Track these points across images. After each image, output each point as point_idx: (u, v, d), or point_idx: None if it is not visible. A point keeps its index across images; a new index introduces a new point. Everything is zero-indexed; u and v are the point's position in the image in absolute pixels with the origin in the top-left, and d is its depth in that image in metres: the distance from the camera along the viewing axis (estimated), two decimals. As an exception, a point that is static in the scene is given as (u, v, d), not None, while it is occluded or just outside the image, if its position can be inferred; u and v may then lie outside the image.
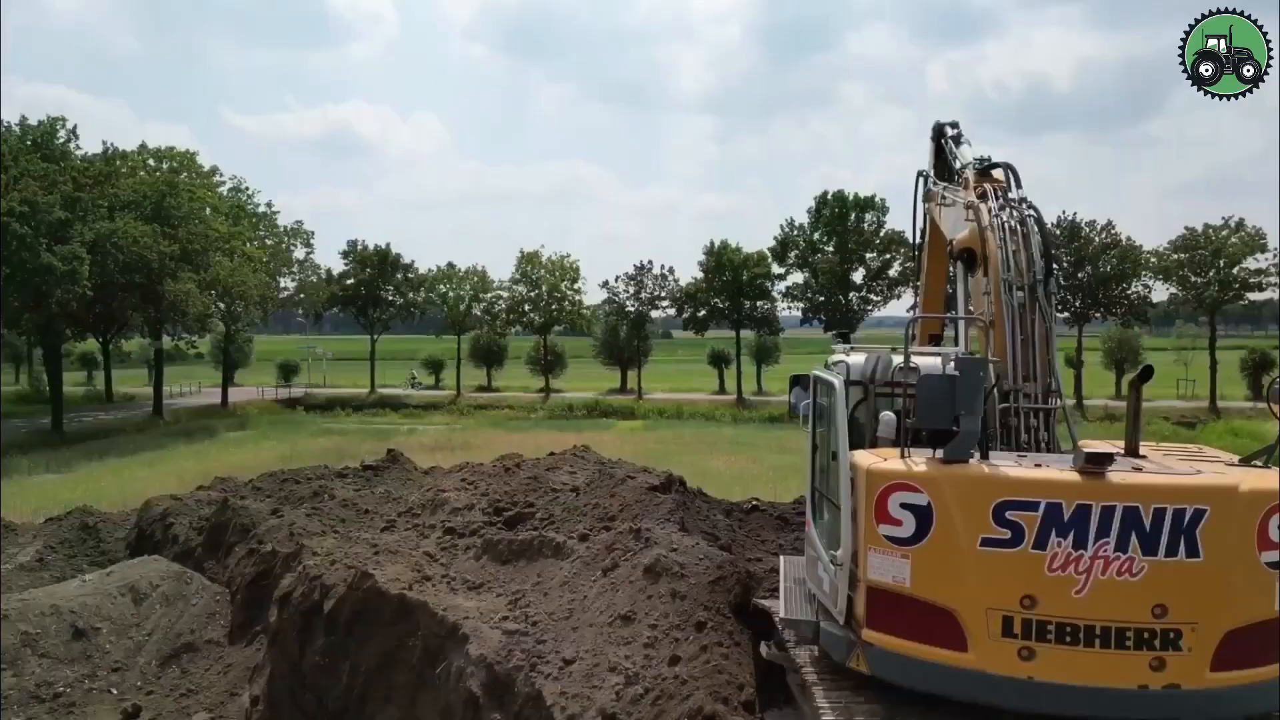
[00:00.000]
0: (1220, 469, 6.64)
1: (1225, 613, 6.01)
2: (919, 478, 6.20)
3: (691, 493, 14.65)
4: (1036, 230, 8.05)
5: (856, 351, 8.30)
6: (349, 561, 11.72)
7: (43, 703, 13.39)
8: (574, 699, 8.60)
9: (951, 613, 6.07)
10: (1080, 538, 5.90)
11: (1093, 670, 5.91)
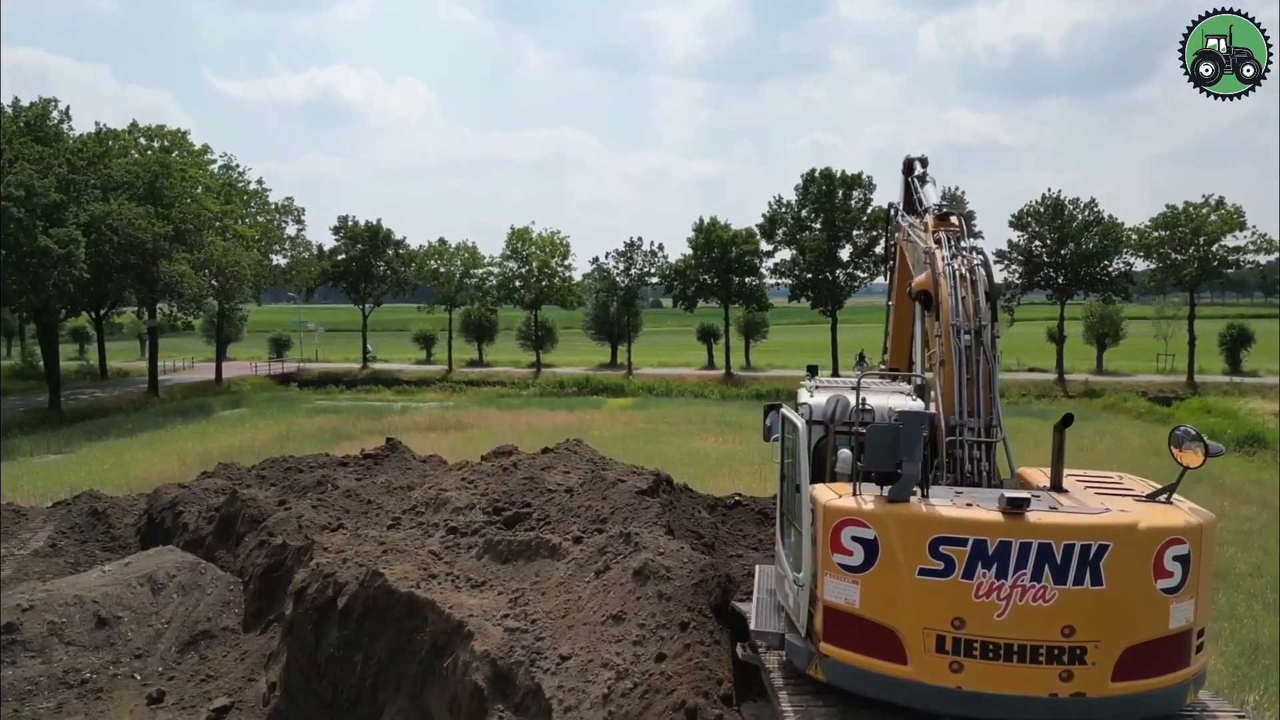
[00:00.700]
0: (1126, 505, 7.52)
1: (1124, 632, 6.93)
2: (867, 515, 7.07)
3: (678, 490, 15.54)
4: (984, 279, 8.90)
5: (821, 390, 9.14)
6: (360, 560, 12.62)
7: (71, 688, 14.30)
8: (570, 692, 9.55)
9: (894, 631, 6.98)
10: (1002, 569, 6.79)
11: (1011, 681, 6.83)
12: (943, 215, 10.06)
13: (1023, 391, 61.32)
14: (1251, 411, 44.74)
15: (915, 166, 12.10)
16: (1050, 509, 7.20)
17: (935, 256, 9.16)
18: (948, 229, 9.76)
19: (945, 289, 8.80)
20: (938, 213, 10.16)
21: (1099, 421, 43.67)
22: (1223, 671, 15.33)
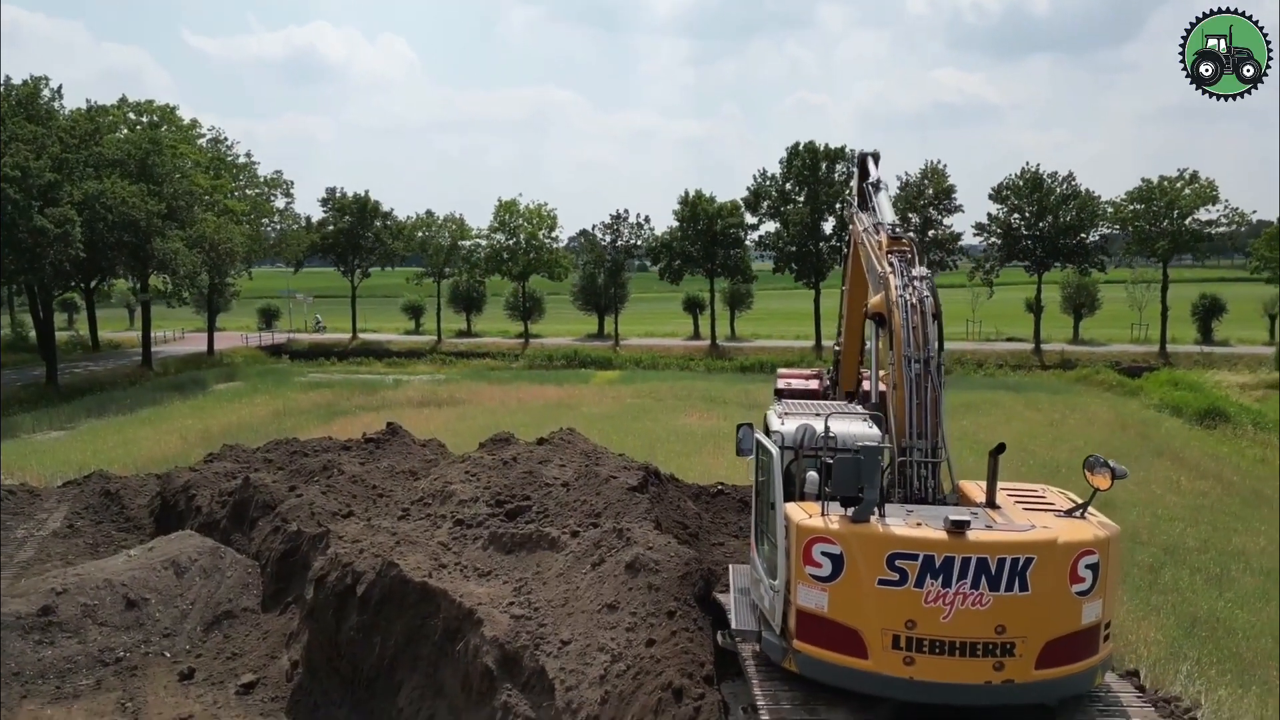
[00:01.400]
0: (1048, 521, 8.72)
1: (1045, 629, 8.19)
2: (834, 533, 8.26)
3: (665, 481, 16.78)
4: (933, 309, 10.05)
5: (790, 417, 10.27)
6: (375, 550, 13.84)
7: (107, 666, 15.53)
8: (571, 673, 10.84)
9: (857, 631, 8.20)
10: (946, 579, 8.01)
11: (954, 672, 8.09)
12: (895, 236, 11.18)
13: (1000, 362, 62.83)
14: (1217, 384, 46.39)
15: (868, 164, 13.36)
16: (986, 527, 8.39)
17: (889, 285, 10.28)
18: (899, 251, 10.87)
19: (898, 320, 9.94)
20: (891, 233, 11.27)
21: (1070, 395, 45.17)
22: (1160, 643, 16.78)
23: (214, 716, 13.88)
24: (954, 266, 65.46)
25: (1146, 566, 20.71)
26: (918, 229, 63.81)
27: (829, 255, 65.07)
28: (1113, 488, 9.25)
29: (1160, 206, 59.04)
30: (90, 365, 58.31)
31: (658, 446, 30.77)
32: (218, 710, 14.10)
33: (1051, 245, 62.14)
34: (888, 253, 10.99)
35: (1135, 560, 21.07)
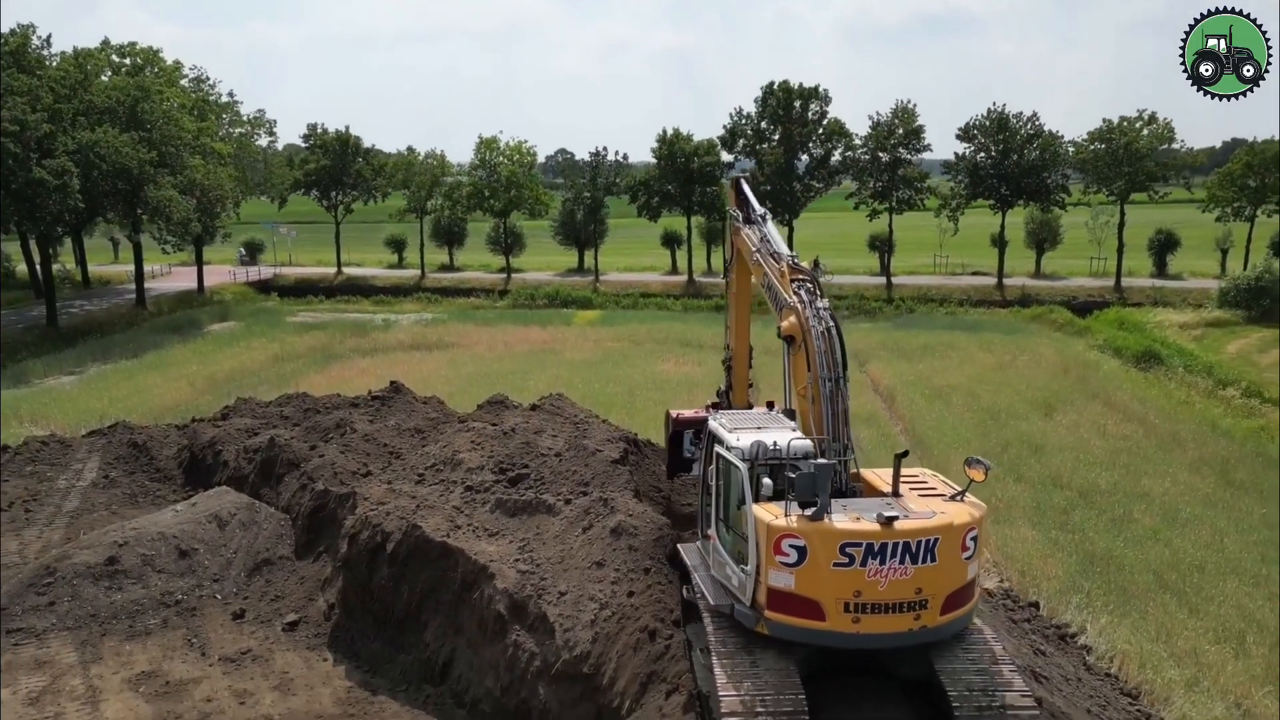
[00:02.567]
0: (944, 508, 11.25)
1: (946, 586, 10.84)
2: (798, 530, 10.77)
3: (642, 449, 19.46)
4: (837, 335, 12.52)
5: (739, 432, 12.55)
6: (400, 513, 16.48)
7: (169, 608, 18.21)
8: (567, 618, 13.62)
9: (818, 602, 10.77)
10: (882, 559, 10.58)
11: (887, 624, 10.72)
12: (796, 266, 13.61)
13: (963, 297, 65.70)
14: (1158, 324, 49.38)
15: (743, 187, 15.87)
16: (904, 517, 10.92)
17: (801, 315, 12.70)
18: (799, 278, 13.29)
19: (814, 347, 12.43)
20: (791, 264, 13.69)
21: (1023, 335, 48.07)
22: (1060, 578, 19.86)
23: (268, 650, 16.65)
24: (922, 204, 67.68)
25: (1060, 509, 23.75)
26: (888, 167, 65.96)
27: (802, 193, 67.14)
28: (988, 478, 11.92)
29: (1119, 147, 61.29)
30: (85, 304, 59.98)
31: (637, 394, 33.48)
32: (270, 645, 16.88)
33: (1016, 184, 64.43)
34: (791, 281, 13.36)
35: (1051, 503, 24.13)
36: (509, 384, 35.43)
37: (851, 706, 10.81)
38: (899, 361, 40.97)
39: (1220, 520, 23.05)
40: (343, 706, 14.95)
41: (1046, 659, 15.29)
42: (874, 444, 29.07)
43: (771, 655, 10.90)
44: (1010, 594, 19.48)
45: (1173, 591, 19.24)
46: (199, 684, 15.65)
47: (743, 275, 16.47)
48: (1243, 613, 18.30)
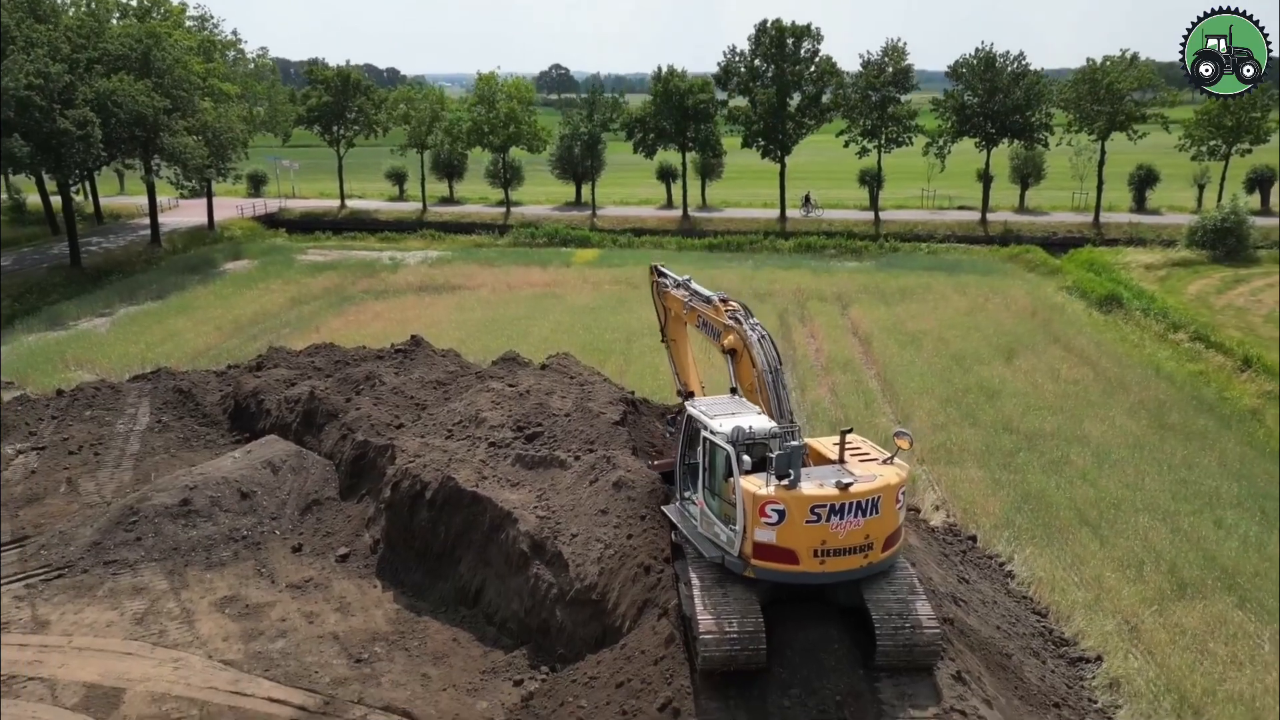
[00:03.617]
0: (882, 471, 14.20)
1: (884, 532, 13.91)
2: (778, 497, 13.72)
3: (639, 407, 22.49)
4: (770, 339, 15.50)
5: (719, 418, 15.35)
6: (434, 465, 19.57)
7: (237, 542, 21.40)
8: (578, 555, 16.82)
9: (793, 550, 13.80)
10: (841, 515, 13.55)
11: (844, 564, 13.73)
12: (724, 300, 16.72)
13: (947, 233, 68.19)
14: (1126, 265, 52.09)
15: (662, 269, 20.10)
16: (855, 482, 13.86)
17: (741, 330, 15.73)
18: (730, 309, 16.37)
19: (756, 352, 15.41)
20: (720, 299, 16.77)
21: (998, 276, 50.82)
22: (996, 514, 23.11)
23: (326, 578, 19.91)
24: (910, 142, 69.62)
25: (1006, 451, 26.92)
26: (877, 105, 67.72)
27: (794, 131, 68.98)
28: (912, 447, 14.98)
29: (1101, 88, 63.10)
30: (102, 241, 62.30)
31: (633, 341, 36.40)
32: (327, 574, 20.13)
33: (1001, 122, 66.33)
34: (725, 312, 16.41)
35: (999, 446, 27.30)
36: (515, 330, 38.38)
37: (799, 627, 14.04)
38: (878, 306, 43.81)
39: (1145, 462, 26.24)
40: (394, 625, 18.27)
41: (970, 585, 18.62)
42: (848, 390, 32.15)
43: (739, 588, 14.08)
44: (954, 529, 22.82)
45: (1090, 526, 22.52)
46: (273, 606, 18.93)
47: (677, 326, 19.69)
48: (1146, 544, 21.59)
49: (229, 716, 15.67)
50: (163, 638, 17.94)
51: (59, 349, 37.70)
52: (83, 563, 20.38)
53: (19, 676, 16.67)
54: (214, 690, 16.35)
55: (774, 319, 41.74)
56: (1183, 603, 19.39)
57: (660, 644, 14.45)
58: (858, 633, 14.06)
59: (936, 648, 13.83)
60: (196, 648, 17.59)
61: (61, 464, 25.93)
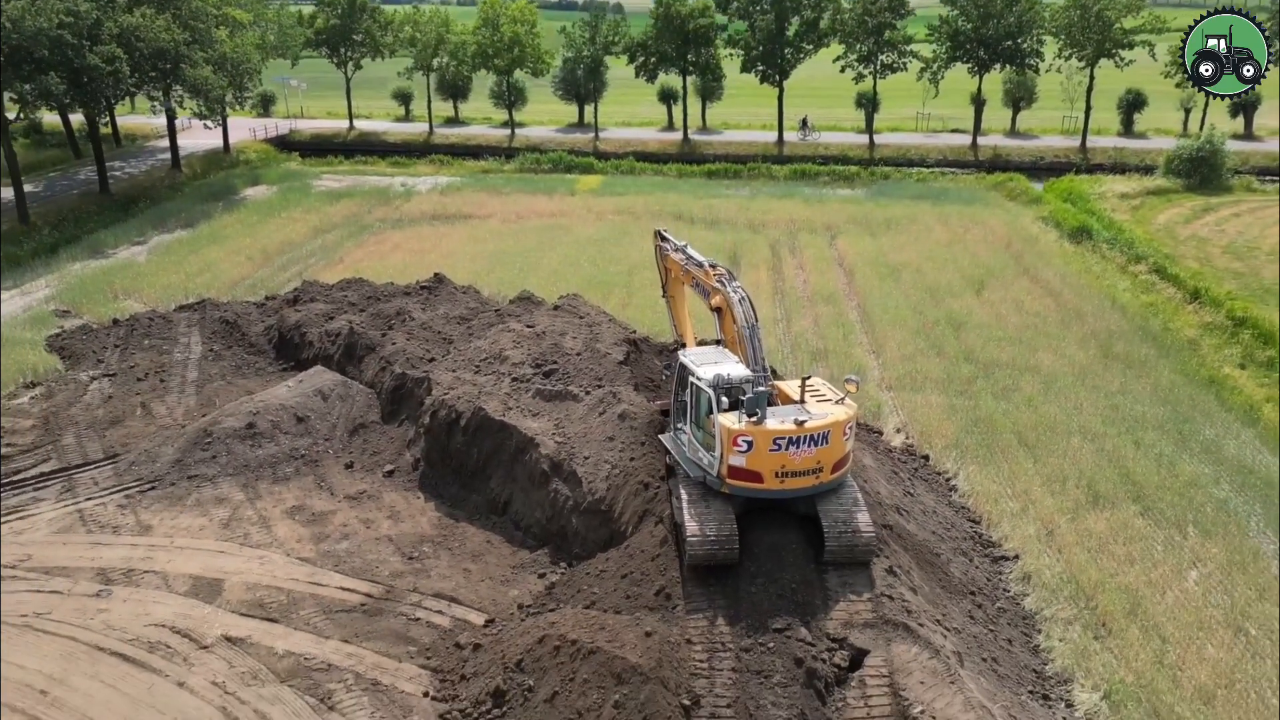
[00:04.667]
0: (832, 409, 17.69)
1: (833, 458, 17.39)
2: (747, 431, 17.13)
3: (640, 346, 25.93)
4: (749, 301, 18.76)
5: (704, 366, 18.76)
6: (466, 397, 23.10)
7: (297, 460, 25.04)
8: (590, 474, 20.50)
9: (759, 472, 17.26)
10: (797, 445, 16.99)
11: (799, 483, 17.26)
12: (714, 265, 19.86)
13: (940, 157, 70.64)
14: (1101, 195, 54.78)
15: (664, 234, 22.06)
16: (810, 420, 17.31)
17: (725, 292, 18.97)
18: (718, 273, 19.54)
19: (736, 311, 18.69)
20: (710, 265, 19.92)
21: (981, 205, 53.55)
22: (948, 436, 26.74)
23: (377, 491, 23.65)
24: (905, 68, 71.34)
25: (964, 380, 30.42)
26: (873, 31, 69.25)
27: (791, 56, 70.68)
28: (859, 391, 18.45)
29: (1091, 15, 64.69)
30: (124, 166, 64.81)
31: (635, 274, 39.57)
32: (377, 487, 23.86)
33: (993, 48, 68.02)
34: (714, 276, 19.62)
35: (959, 375, 30.78)
36: (526, 263, 41.53)
37: (765, 531, 17.74)
38: (864, 237, 46.79)
39: (1085, 389, 29.76)
40: (437, 529, 22.08)
41: (914, 498, 22.36)
42: (830, 322, 35.52)
43: (718, 502, 17.73)
44: (911, 449, 26.49)
45: (1028, 447, 26.16)
46: (335, 514, 22.71)
47: (675, 285, 22.85)
48: (1073, 462, 25.25)
49: (310, 601, 19.54)
50: (247, 539, 21.75)
51: (106, 278, 40.86)
52: (169, 477, 24.10)
53: (136, 570, 20.52)
54: (295, 581, 20.22)
55: (767, 250, 44.86)
56: (1095, 512, 23.13)
57: (656, 545, 18.19)
58: (811, 536, 17.73)
59: (873, 548, 17.55)
60: (276, 547, 21.41)
61: (133, 390, 29.50)
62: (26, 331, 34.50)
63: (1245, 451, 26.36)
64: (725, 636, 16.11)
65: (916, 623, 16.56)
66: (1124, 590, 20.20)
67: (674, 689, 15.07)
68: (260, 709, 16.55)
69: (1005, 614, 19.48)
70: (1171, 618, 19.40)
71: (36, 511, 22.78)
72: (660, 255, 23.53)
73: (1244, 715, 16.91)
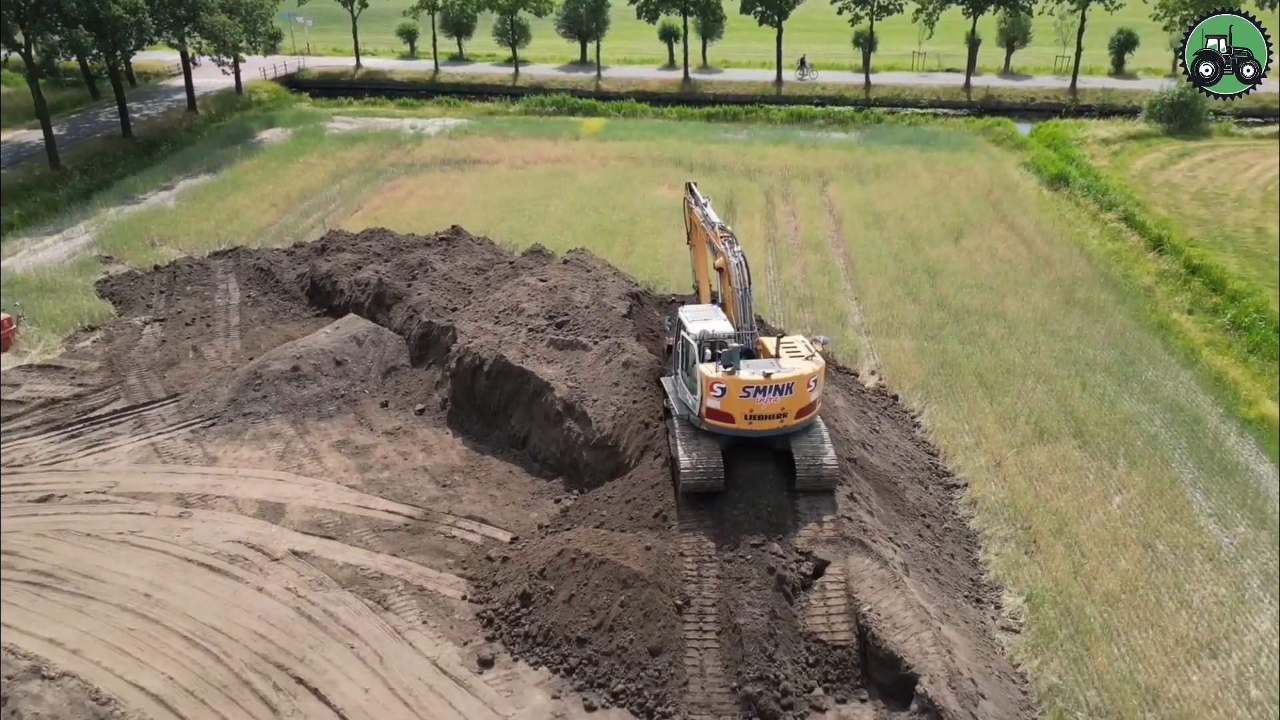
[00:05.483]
0: (799, 365, 20.83)
1: (797, 406, 20.51)
2: (722, 380, 20.24)
3: (642, 300, 28.97)
4: (745, 265, 21.70)
5: (694, 322, 21.85)
6: (488, 345, 26.24)
7: (338, 399, 28.25)
8: (598, 415, 23.77)
9: (731, 414, 20.40)
10: (764, 394, 20.13)
11: (766, 425, 20.24)
12: (724, 228, 22.70)
13: (932, 98, 72.50)
14: (1083, 140, 57.05)
15: (693, 188, 24.62)
16: (777, 373, 20.41)
17: (727, 256, 21.90)
18: (724, 235, 22.41)
19: (733, 274, 21.65)
20: (721, 228, 22.75)
21: (968, 150, 55.92)
22: (916, 378, 29.96)
23: (411, 427, 26.93)
24: (900, 9, 72.78)
25: (936, 325, 33.48)
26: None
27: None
28: (835, 341, 21.57)
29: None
30: (142, 108, 66.92)
31: (636, 223, 42.37)
32: (410, 424, 27.14)
33: (988, -10, 69.51)
34: (720, 238, 22.51)
35: (931, 321, 33.84)
36: (534, 211, 44.26)
37: (746, 465, 21.04)
38: (854, 184, 49.38)
39: (1044, 334, 32.84)
40: (466, 460, 25.43)
41: (879, 434, 25.66)
42: (817, 269, 38.47)
43: (708, 439, 21.00)
44: (882, 390, 29.73)
45: (986, 387, 29.37)
46: (375, 448, 26.03)
47: (698, 236, 25.49)
48: (1025, 401, 28.48)
49: (361, 522, 22.98)
50: (301, 469, 25.12)
51: (141, 225, 43.67)
52: (226, 414, 27.38)
53: (210, 495, 23.93)
54: (346, 505, 23.64)
55: (761, 198, 47.51)
56: (1039, 445, 26.45)
57: (655, 475, 21.53)
58: (785, 469, 21.05)
59: (837, 479, 20.88)
60: (327, 476, 24.79)
61: (183, 334, 32.64)
62: (77, 278, 37.50)
63: (1180, 391, 29.57)
64: (711, 550, 19.53)
65: (871, 540, 19.97)
66: (1054, 513, 23.61)
67: (669, 592, 18.54)
68: (328, 609, 20.07)
69: (951, 533, 22.92)
70: (1092, 536, 22.84)
71: (116, 445, 26.13)
72: (687, 207, 26.06)
73: (1141, 615, 20.44)
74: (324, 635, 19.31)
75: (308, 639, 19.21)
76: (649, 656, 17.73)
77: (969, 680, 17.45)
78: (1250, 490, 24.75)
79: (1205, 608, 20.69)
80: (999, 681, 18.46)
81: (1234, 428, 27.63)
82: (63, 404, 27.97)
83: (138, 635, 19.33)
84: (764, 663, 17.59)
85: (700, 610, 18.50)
